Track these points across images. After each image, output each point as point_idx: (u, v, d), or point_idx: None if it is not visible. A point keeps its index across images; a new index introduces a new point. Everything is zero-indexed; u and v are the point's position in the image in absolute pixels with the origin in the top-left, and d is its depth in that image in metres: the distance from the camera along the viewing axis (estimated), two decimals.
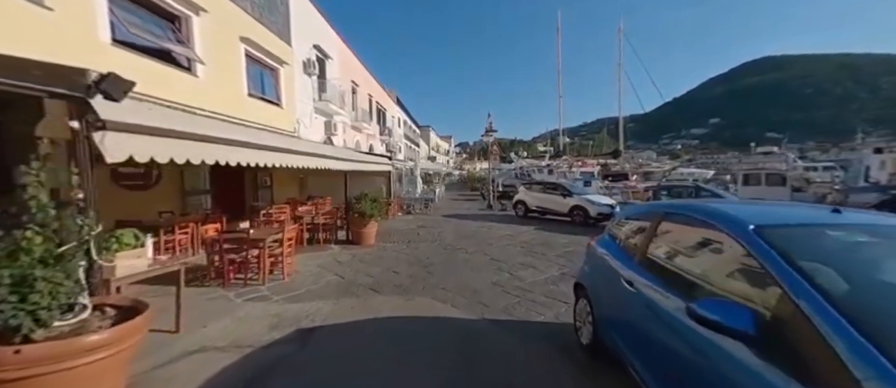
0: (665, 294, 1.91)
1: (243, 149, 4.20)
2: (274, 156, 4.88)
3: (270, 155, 4.79)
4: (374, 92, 26.53)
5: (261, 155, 4.50)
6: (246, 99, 10.19)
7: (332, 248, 7.29)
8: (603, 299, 2.74)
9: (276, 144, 5.34)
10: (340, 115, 17.55)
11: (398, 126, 37.79)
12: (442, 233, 9.45)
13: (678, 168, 36.10)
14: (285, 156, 5.44)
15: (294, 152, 5.82)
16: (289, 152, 5.60)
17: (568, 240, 8.49)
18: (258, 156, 4.44)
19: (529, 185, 13.39)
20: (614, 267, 2.57)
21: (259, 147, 4.55)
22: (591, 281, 3.07)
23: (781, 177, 11.69)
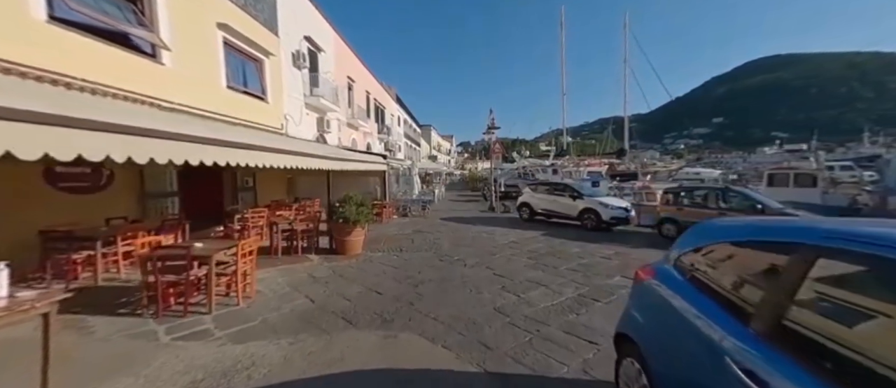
0: None
1: (207, 146, 3.32)
2: (244, 154, 3.96)
3: (239, 153, 3.86)
4: (372, 89, 25.60)
5: (225, 153, 3.59)
6: (223, 92, 9.25)
7: (311, 259, 6.33)
8: (675, 374, 1.76)
9: (250, 140, 4.47)
10: (334, 111, 16.61)
11: (398, 125, 36.88)
12: (439, 240, 8.48)
13: (684, 168, 35.06)
14: (258, 154, 4.52)
15: (266, 149, 4.94)
16: (261, 150, 4.70)
17: (580, 249, 7.51)
18: (223, 154, 3.54)
19: (535, 186, 12.41)
20: (703, 330, 1.57)
21: (223, 144, 3.63)
22: (649, 339, 2.06)
23: (812, 177, 10.68)
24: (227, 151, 3.71)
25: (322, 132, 15.71)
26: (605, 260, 6.48)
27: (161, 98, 7.16)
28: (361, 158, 10.68)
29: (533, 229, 10.36)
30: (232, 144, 3.97)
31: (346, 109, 19.47)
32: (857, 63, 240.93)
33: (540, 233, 9.53)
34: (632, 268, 6.01)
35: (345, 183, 13.17)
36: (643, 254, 6.94)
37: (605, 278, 5.26)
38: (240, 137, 4.59)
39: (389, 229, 10.37)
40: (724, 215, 7.63)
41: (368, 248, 7.32)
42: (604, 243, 8.09)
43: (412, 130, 48.12)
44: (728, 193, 7.88)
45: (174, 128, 3.19)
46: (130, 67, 6.66)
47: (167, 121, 3.65)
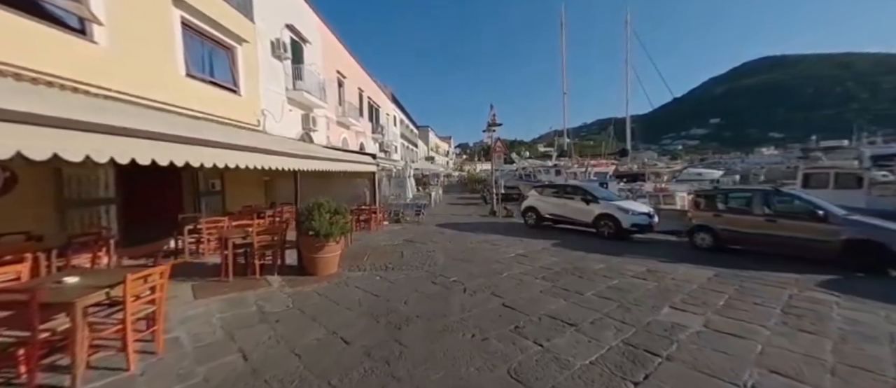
0: None
1: (141, 141, 2.59)
2: (190, 151, 3.12)
3: (184, 150, 3.01)
4: (366, 86, 24.32)
5: (168, 150, 2.82)
6: (181, 81, 7.93)
7: (270, 283, 5.01)
8: None
9: (204, 135, 3.43)
10: (321, 108, 15.31)
11: (394, 125, 35.61)
12: (433, 252, 7.17)
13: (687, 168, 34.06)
14: (214, 152, 3.51)
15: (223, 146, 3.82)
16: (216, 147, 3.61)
17: (604, 264, 6.22)
18: (164, 152, 2.78)
19: (541, 188, 11.13)
20: None
21: (166, 138, 2.81)
22: None
23: (857, 177, 9.51)
24: (170, 148, 2.88)
25: (307, 130, 14.39)
26: (640, 281, 5.19)
27: (92, 84, 5.84)
28: (345, 157, 9.36)
29: (541, 237, 9.07)
30: (175, 139, 2.96)
31: (335, 106, 18.18)
32: (850, 63, 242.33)
33: (550, 243, 8.24)
34: (677, 294, 4.53)
35: (328, 186, 11.85)
36: (682, 273, 5.67)
37: (651, 312, 3.98)
38: (191, 132, 3.49)
39: (378, 237, 9.04)
40: (773, 223, 6.39)
41: (347, 264, 6.00)
42: (629, 256, 6.81)
43: (409, 130, 46.90)
44: (778, 196, 6.63)
45: (93, 118, 2.21)
46: (50, 44, 5.34)
47: (89, 109, 2.50)
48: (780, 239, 6.26)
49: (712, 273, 5.57)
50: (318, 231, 5.14)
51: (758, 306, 4.13)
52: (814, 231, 5.92)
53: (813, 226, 5.95)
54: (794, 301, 4.29)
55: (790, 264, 6.04)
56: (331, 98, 17.25)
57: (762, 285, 4.93)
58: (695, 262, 6.31)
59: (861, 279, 5.23)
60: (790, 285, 4.97)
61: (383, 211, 11.57)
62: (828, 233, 5.79)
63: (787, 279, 5.22)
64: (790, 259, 6.24)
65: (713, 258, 6.60)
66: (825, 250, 5.83)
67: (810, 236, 5.95)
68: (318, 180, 11.56)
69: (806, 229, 6.01)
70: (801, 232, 6.05)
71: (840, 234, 5.67)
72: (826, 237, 5.79)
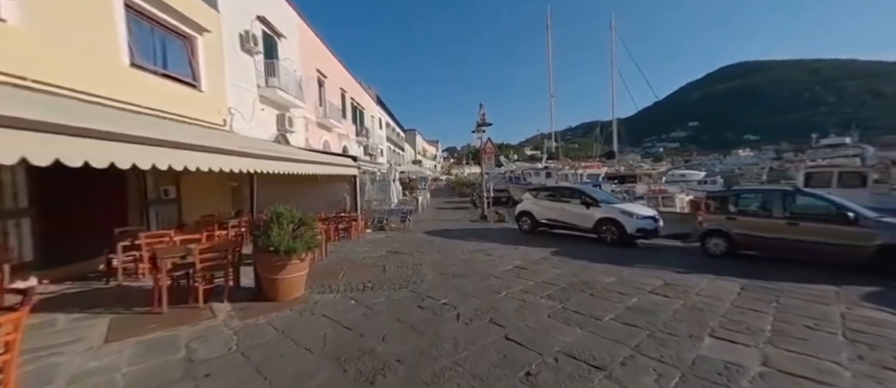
0: None
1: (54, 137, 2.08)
2: (131, 152, 2.78)
3: (122, 150, 2.65)
4: (349, 87, 23.29)
5: (100, 149, 2.46)
6: (126, 71, 6.83)
7: (216, 313, 4.01)
8: None
9: (144, 133, 2.96)
10: (299, 107, 14.24)
11: (379, 128, 34.59)
12: (421, 266, 6.27)
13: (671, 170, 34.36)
14: (156, 151, 3.08)
15: (169, 145, 3.31)
16: (159, 146, 3.13)
17: (614, 277, 5.46)
18: (94, 151, 2.39)
19: (536, 191, 10.40)
20: None
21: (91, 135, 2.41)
22: None
23: (861, 176, 9.17)
24: (106, 148, 2.57)
25: (283, 132, 13.29)
26: (662, 299, 4.44)
27: None
28: (320, 159, 8.39)
29: (538, 244, 8.30)
30: (112, 137, 2.60)
31: (315, 106, 17.12)
32: (819, 69, 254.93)
33: (549, 251, 7.47)
34: (711, 317, 3.66)
35: (305, 191, 10.81)
36: (706, 287, 4.96)
37: (691, 344, 3.20)
38: (133, 129, 2.75)
39: (358, 248, 8.08)
40: (796, 227, 5.79)
41: (317, 284, 5.05)
42: (639, 267, 6.09)
43: (395, 134, 45.97)
44: (800, 196, 6.03)
45: None
46: None
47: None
48: (804, 244, 5.66)
49: (739, 287, 4.88)
50: (277, 247, 4.18)
51: (814, 332, 3.41)
52: (842, 235, 5.34)
53: (841, 230, 5.36)
54: (851, 323, 3.60)
55: (817, 272, 5.43)
56: (309, 98, 16.19)
57: (803, 302, 4.25)
58: (714, 272, 5.63)
59: None
60: (833, 300, 4.30)
61: (366, 218, 10.60)
62: (859, 237, 5.21)
63: (826, 292, 4.56)
64: (814, 266, 5.65)
65: (731, 267, 5.95)
66: (856, 257, 5.25)
67: (839, 240, 5.36)
68: (294, 185, 10.52)
69: (833, 233, 5.42)
70: (827, 236, 5.46)
71: (873, 238, 5.09)
72: (857, 242, 5.21)
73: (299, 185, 10.44)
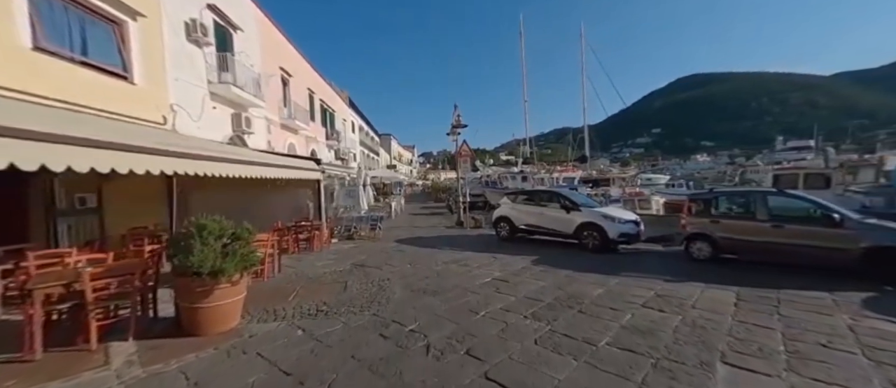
0: None
1: None
2: None
3: None
4: (318, 88, 22.13)
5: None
6: (27, 55, 5.64)
7: (108, 359, 3.07)
8: None
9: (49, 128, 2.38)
10: (259, 107, 13.08)
11: (352, 131, 33.36)
12: (388, 281, 5.52)
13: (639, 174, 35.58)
14: (61, 150, 2.55)
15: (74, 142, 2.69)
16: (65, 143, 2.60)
17: (603, 289, 4.98)
18: None
19: (514, 195, 9.92)
20: None
21: None
22: None
23: (825, 177, 9.43)
24: None
25: (240, 133, 12.10)
26: (657, 314, 3.96)
27: None
28: (276, 161, 7.43)
29: (517, 252, 7.77)
30: None
31: (279, 107, 15.93)
32: (764, 81, 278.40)
33: (530, 260, 6.94)
34: (717, 336, 3.14)
35: (263, 198, 9.73)
36: (700, 297, 4.56)
37: (704, 374, 2.69)
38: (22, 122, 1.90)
39: (320, 261, 7.17)
40: (780, 230, 5.59)
41: (260, 309, 4.18)
42: (625, 275, 5.66)
43: (369, 138, 44.75)
44: (783, 198, 5.86)
45: None
46: None
47: None
48: (790, 248, 5.47)
49: (734, 296, 4.52)
50: (199, 269, 3.30)
51: (831, 352, 3.01)
52: (828, 238, 5.16)
53: (826, 232, 5.19)
54: (864, 337, 3.26)
55: (804, 276, 5.22)
56: (272, 98, 15.01)
57: (804, 312, 3.91)
58: (703, 279, 5.29)
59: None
60: (833, 309, 4.01)
61: (331, 226, 9.66)
62: (844, 240, 5.04)
63: (822, 300, 4.28)
64: (800, 270, 5.46)
65: (719, 273, 5.66)
66: (842, 260, 5.08)
67: (824, 243, 5.18)
68: (250, 192, 9.43)
69: (818, 235, 5.24)
70: (813, 239, 5.28)
71: (859, 240, 4.93)
72: (843, 245, 5.04)
73: (256, 191, 9.37)
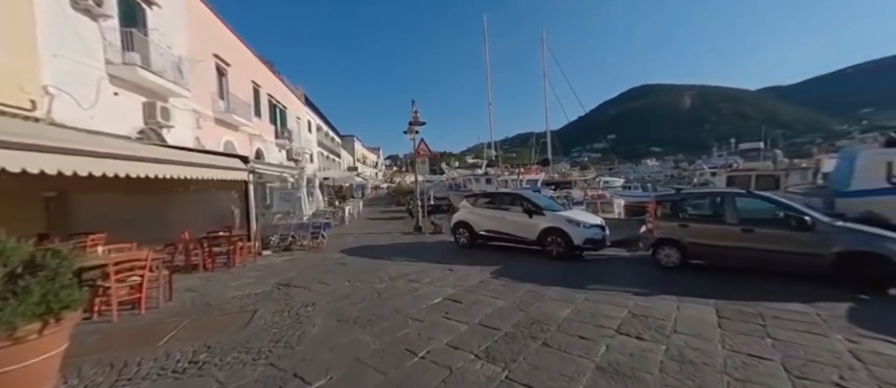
0: None
1: None
2: None
3: None
4: (265, 81, 20.10)
5: None
6: None
7: None
8: None
9: None
10: (181, 96, 11.21)
11: (308, 131, 31.15)
12: (312, 308, 4.38)
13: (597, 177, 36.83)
14: None
15: None
16: None
17: (569, 306, 4.23)
18: None
19: (474, 198, 9.10)
20: None
21: None
22: None
23: (775, 179, 9.65)
24: None
25: (155, 125, 10.23)
26: (636, 343, 3.23)
27: None
28: (179, 157, 5.95)
29: (477, 261, 6.92)
30: None
31: (213, 99, 13.98)
32: (702, 93, 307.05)
33: (489, 271, 6.10)
34: (711, 373, 2.40)
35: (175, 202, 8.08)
36: (678, 315, 3.93)
37: None
38: None
39: (235, 281, 5.80)
40: (751, 234, 5.21)
41: (104, 362, 2.89)
42: (593, 288, 4.98)
43: (330, 139, 42.41)
44: (751, 200, 5.51)
45: None
46: None
47: None
48: (761, 253, 5.10)
49: (714, 313, 3.95)
50: None
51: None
52: (799, 243, 4.83)
53: (797, 236, 4.86)
54: (873, 366, 2.71)
55: (775, 284, 4.86)
56: (203, 87, 13.11)
57: (796, 333, 3.37)
58: (675, 291, 4.73)
59: (878, 306, 4.10)
60: (823, 327, 3.52)
61: (260, 236, 8.20)
62: (816, 244, 4.72)
63: (808, 316, 3.81)
64: (771, 277, 5.11)
65: (690, 282, 5.17)
66: (814, 265, 4.75)
67: (796, 248, 4.85)
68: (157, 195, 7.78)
69: (790, 240, 4.90)
70: (784, 244, 4.93)
71: (831, 245, 4.62)
72: (815, 249, 4.72)
73: (165, 194, 7.74)
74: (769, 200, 5.40)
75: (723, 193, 5.89)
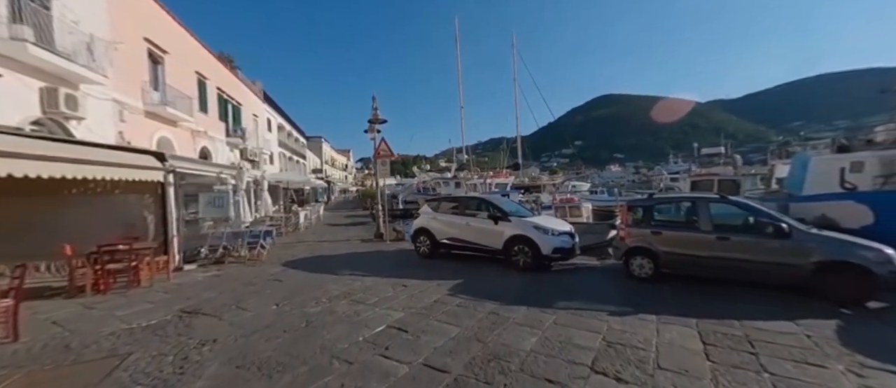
0: None
1: None
2: None
3: None
4: (214, 74, 18.27)
5: None
6: None
7: None
8: None
9: None
10: (95, 83, 9.57)
11: (268, 130, 29.07)
12: (210, 347, 3.37)
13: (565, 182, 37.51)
14: None
15: None
16: None
17: (536, 333, 3.54)
18: None
19: (436, 202, 8.32)
20: None
21: None
22: None
23: (736, 183, 9.73)
24: None
25: (57, 115, 8.60)
26: (615, 386, 2.57)
27: None
28: (63, 153, 4.67)
29: (435, 274, 6.13)
30: None
31: (143, 89, 12.25)
32: (661, 104, 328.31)
33: (447, 287, 5.32)
34: None
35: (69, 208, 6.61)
36: (658, 340, 3.36)
37: None
38: None
39: (132, 307, 4.59)
40: (726, 242, 4.84)
41: None
42: (562, 306, 4.36)
43: (294, 140, 40.10)
44: (725, 205, 5.15)
45: None
46: None
47: None
48: (737, 263, 4.72)
49: (696, 337, 3.42)
50: None
51: None
52: (778, 252, 4.49)
53: (775, 245, 4.53)
54: None
55: (752, 297, 4.50)
56: (130, 76, 11.45)
57: (792, 364, 2.88)
58: (651, 307, 4.21)
59: (865, 323, 3.76)
60: (818, 352, 3.07)
61: (176, 248, 6.91)
62: (794, 253, 4.40)
63: (797, 336, 3.38)
64: (743, 287, 4.76)
65: (663, 296, 4.71)
66: (792, 276, 4.42)
67: (774, 258, 4.51)
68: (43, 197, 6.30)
69: (767, 249, 4.56)
70: (762, 254, 4.59)
71: (809, 254, 4.31)
72: (793, 259, 4.39)
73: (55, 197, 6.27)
74: (744, 206, 5.07)
75: (696, 198, 5.51)
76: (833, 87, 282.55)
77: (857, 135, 9.03)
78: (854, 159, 7.86)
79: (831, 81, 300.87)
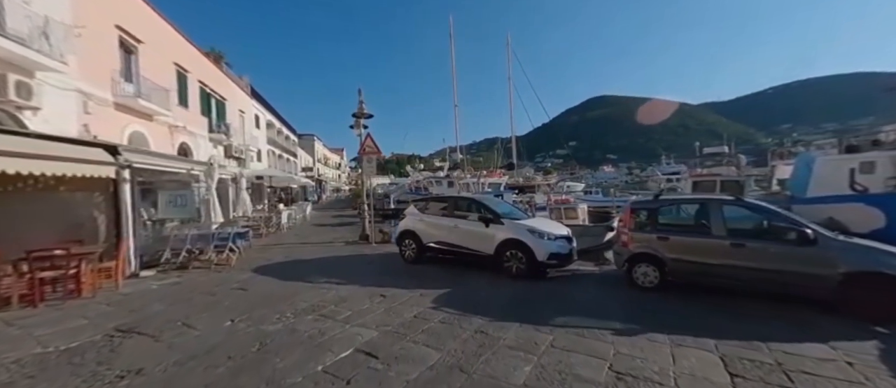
0: None
1: None
2: None
3: None
4: (196, 67, 17.42)
5: None
6: None
7: None
8: None
9: None
10: (53, 71, 8.78)
11: (256, 126, 28.16)
12: (132, 378, 2.73)
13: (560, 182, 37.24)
14: None
15: None
16: None
17: (530, 359, 2.98)
18: None
19: (424, 203, 7.72)
20: None
21: None
22: None
23: (739, 184, 9.33)
24: None
25: (9, 106, 7.82)
26: None
27: None
28: None
29: (420, 281, 5.54)
30: None
31: (113, 79, 11.45)
32: (653, 105, 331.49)
33: (431, 298, 4.74)
34: None
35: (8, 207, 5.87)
36: (678, 370, 2.81)
37: None
38: None
39: (54, 325, 3.91)
40: (742, 249, 4.32)
41: None
42: (561, 323, 3.80)
43: (284, 137, 39.12)
44: (741, 208, 4.63)
45: None
46: None
47: None
48: (753, 273, 4.22)
49: (718, 361, 2.90)
50: None
51: None
52: (801, 261, 3.99)
53: (797, 253, 4.03)
54: None
55: (769, 308, 4.00)
56: (97, 64, 10.67)
57: None
58: (661, 325, 3.67)
59: None
60: (869, 386, 2.54)
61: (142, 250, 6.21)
62: (819, 263, 3.90)
63: (834, 362, 2.86)
64: (759, 298, 4.26)
65: (673, 309, 4.19)
66: (817, 289, 3.92)
67: (795, 268, 4.01)
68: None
69: (789, 257, 4.06)
70: (781, 263, 4.08)
71: (837, 264, 3.81)
72: (817, 269, 3.89)
73: None
74: (762, 209, 4.57)
75: (708, 199, 5.00)
76: (820, 90, 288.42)
77: (848, 136, 8.69)
78: (864, 160, 7.47)
79: (818, 84, 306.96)
